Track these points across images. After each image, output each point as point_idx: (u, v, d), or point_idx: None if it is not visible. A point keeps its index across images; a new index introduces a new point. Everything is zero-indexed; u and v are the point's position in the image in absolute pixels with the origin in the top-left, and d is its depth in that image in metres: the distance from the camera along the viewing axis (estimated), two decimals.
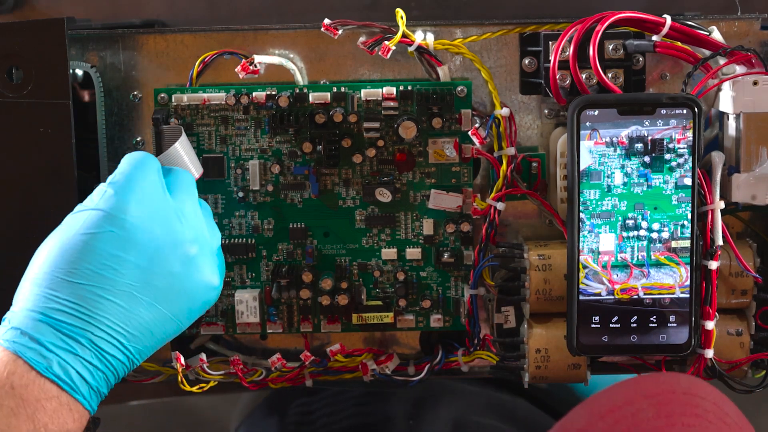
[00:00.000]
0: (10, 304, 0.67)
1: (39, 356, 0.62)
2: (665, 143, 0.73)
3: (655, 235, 0.74)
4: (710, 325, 0.75)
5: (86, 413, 0.64)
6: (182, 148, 0.75)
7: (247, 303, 0.81)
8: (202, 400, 1.38)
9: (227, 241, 0.81)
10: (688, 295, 0.74)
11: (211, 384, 0.82)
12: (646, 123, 0.73)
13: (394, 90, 0.79)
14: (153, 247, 0.67)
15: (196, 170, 0.76)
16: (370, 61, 0.81)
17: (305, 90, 0.79)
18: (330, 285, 0.81)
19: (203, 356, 0.81)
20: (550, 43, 0.77)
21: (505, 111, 0.79)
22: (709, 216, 0.75)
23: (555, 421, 1.04)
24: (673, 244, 0.74)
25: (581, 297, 0.74)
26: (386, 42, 0.77)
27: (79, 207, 0.68)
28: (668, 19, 0.75)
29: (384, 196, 0.80)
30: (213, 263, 0.71)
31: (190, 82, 0.79)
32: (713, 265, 0.75)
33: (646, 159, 0.73)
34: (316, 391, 1.03)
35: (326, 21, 0.78)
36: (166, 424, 1.30)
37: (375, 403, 1.00)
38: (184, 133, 0.76)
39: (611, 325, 0.74)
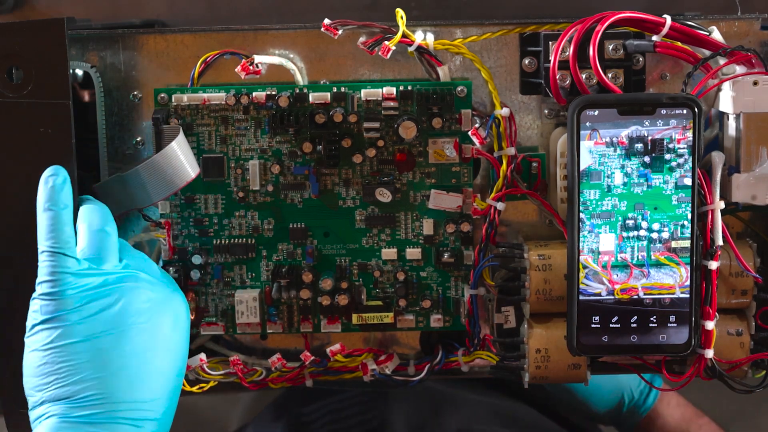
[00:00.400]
0: (11, 304, 0.67)
1: None
2: (665, 143, 0.73)
3: (655, 235, 0.74)
4: (710, 325, 0.75)
5: None
6: (179, 147, 0.75)
7: (247, 303, 0.81)
8: (202, 399, 1.38)
9: (227, 241, 0.81)
10: (688, 295, 0.74)
11: (211, 384, 0.82)
12: (646, 123, 0.73)
13: (394, 90, 0.79)
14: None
15: (192, 170, 0.76)
16: (370, 61, 0.81)
17: (305, 90, 0.79)
18: (330, 285, 0.81)
19: (203, 356, 0.81)
20: (550, 43, 0.77)
21: (505, 111, 0.79)
22: (709, 216, 0.75)
23: (557, 425, 1.04)
24: (673, 244, 0.74)
25: (581, 297, 0.74)
26: (386, 42, 0.77)
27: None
28: (668, 19, 0.75)
29: (384, 196, 0.80)
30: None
31: (191, 82, 0.79)
32: (713, 265, 0.75)
33: (646, 159, 0.73)
34: (318, 398, 1.03)
35: (326, 21, 0.78)
36: None
37: (378, 413, 1.00)
38: (181, 132, 0.76)
39: (611, 325, 0.74)
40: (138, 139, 0.82)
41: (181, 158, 0.75)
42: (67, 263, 0.69)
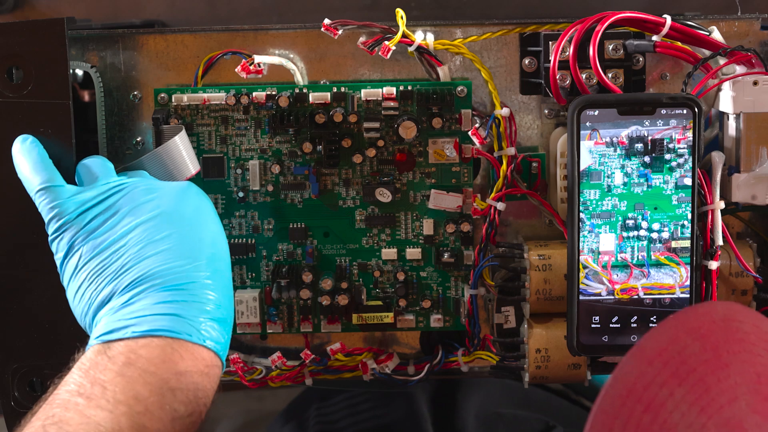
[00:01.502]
0: (11, 304, 0.67)
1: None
2: (665, 143, 0.73)
3: (655, 235, 0.74)
4: None
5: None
6: (181, 143, 0.75)
7: (247, 303, 0.81)
8: None
9: (228, 241, 0.81)
10: (688, 295, 0.74)
11: None
12: (646, 123, 0.73)
13: (394, 90, 0.79)
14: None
15: (193, 167, 0.76)
16: (370, 61, 0.81)
17: (305, 90, 0.79)
18: (330, 285, 0.81)
19: None
20: (550, 43, 0.77)
21: (505, 111, 0.79)
22: (709, 216, 0.75)
23: (569, 404, 1.05)
24: (673, 244, 0.74)
25: (581, 297, 0.74)
26: (386, 42, 0.77)
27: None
28: (668, 19, 0.75)
29: (384, 196, 0.80)
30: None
31: (195, 82, 0.80)
32: (713, 265, 0.75)
33: (646, 159, 0.73)
34: (334, 394, 1.03)
35: (326, 21, 0.78)
36: None
37: (395, 402, 1.00)
38: (183, 130, 0.76)
39: (611, 325, 0.74)
40: (138, 139, 0.82)
41: (182, 153, 0.75)
42: (61, 193, 0.70)
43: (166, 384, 0.63)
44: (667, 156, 0.73)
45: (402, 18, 0.77)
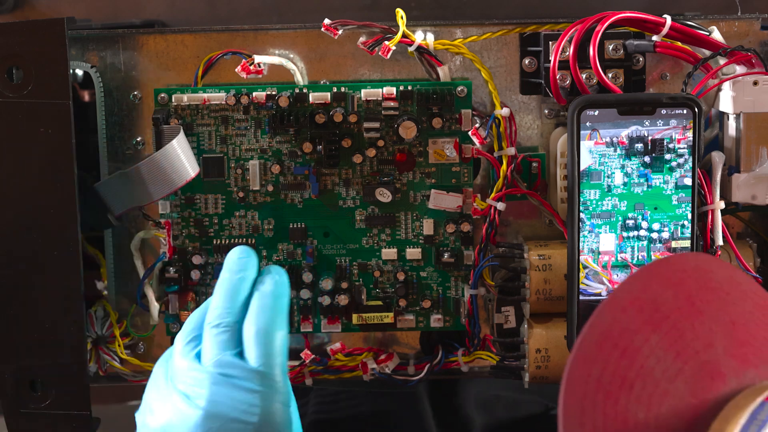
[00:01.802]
0: (12, 304, 0.67)
1: None
2: (665, 143, 0.73)
3: (655, 235, 0.74)
4: None
5: None
6: (179, 146, 0.75)
7: None
8: None
9: (228, 241, 0.81)
10: None
11: None
12: (647, 123, 0.73)
13: (394, 90, 0.79)
14: None
15: (192, 169, 0.76)
16: (370, 61, 0.81)
17: (305, 90, 0.79)
18: (330, 285, 0.81)
19: None
20: (550, 43, 0.77)
21: (505, 111, 0.79)
22: (710, 216, 0.75)
23: None
24: (674, 244, 0.74)
25: (581, 297, 0.74)
26: (386, 42, 0.77)
27: None
28: (668, 19, 0.75)
29: (384, 196, 0.80)
30: None
31: (195, 82, 0.80)
32: None
33: (647, 159, 0.73)
34: (321, 391, 1.03)
35: (326, 21, 0.78)
36: None
37: (394, 391, 1.00)
38: (182, 132, 0.76)
39: None
40: (138, 139, 0.82)
41: (181, 157, 0.75)
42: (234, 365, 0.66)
43: None
44: (667, 156, 0.73)
45: (402, 18, 0.77)
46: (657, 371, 0.53)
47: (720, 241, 0.75)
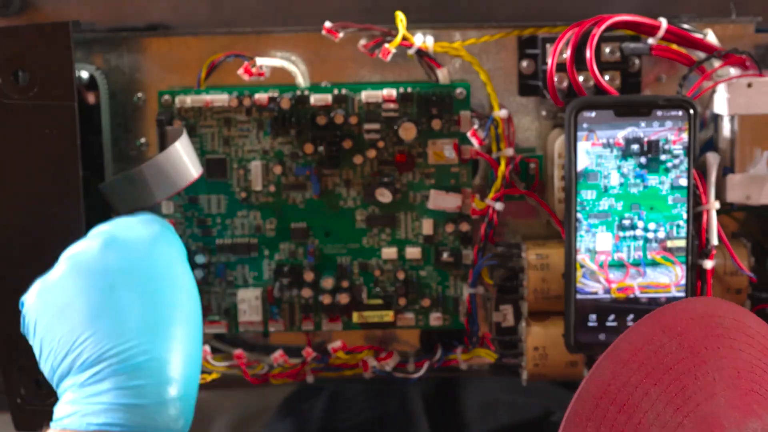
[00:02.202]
0: (13, 304, 0.67)
1: None
2: (661, 144, 0.73)
3: (651, 235, 0.74)
4: None
5: None
6: (182, 148, 0.76)
7: (249, 302, 0.82)
8: (201, 397, 1.38)
9: (230, 241, 0.82)
10: (683, 294, 0.75)
11: (214, 376, 0.82)
12: (643, 124, 0.73)
13: (394, 92, 0.79)
14: None
15: (195, 170, 0.77)
16: (370, 63, 0.81)
17: (307, 92, 0.80)
18: (331, 284, 0.81)
19: (207, 347, 0.82)
20: (548, 45, 0.77)
21: (503, 113, 0.79)
22: (705, 216, 0.76)
23: (568, 391, 1.05)
24: (669, 243, 0.75)
25: (578, 296, 0.75)
26: (386, 45, 0.77)
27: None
28: (664, 22, 0.76)
29: (384, 196, 0.80)
30: None
31: (198, 84, 0.80)
32: (708, 264, 0.76)
33: (642, 160, 0.74)
34: (322, 393, 1.03)
35: (327, 24, 0.78)
36: None
37: (393, 395, 1.00)
38: (185, 133, 0.77)
39: (608, 324, 0.75)
40: (142, 141, 0.82)
41: (184, 158, 0.76)
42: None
43: None
44: (663, 157, 0.74)
45: (402, 21, 0.78)
46: (655, 426, 0.51)
47: (715, 241, 0.75)
